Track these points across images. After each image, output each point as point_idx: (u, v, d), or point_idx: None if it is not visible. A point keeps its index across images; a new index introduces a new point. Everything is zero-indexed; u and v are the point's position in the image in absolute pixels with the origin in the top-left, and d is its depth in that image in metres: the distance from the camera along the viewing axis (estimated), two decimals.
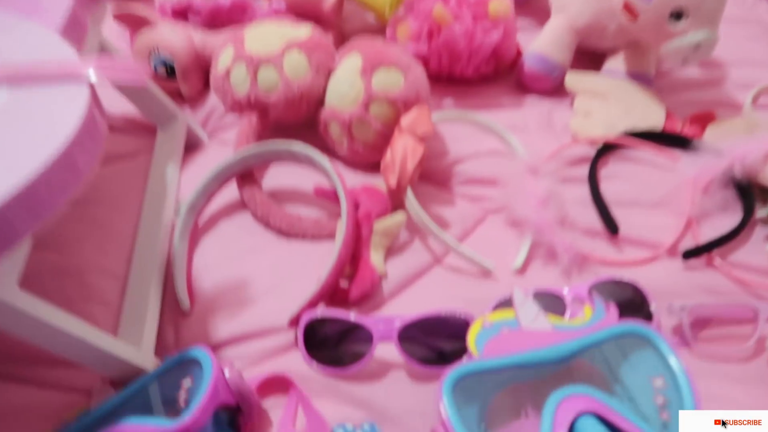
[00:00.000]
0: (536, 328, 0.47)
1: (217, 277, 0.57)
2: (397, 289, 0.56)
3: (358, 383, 0.49)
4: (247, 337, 0.53)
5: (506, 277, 0.56)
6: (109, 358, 0.46)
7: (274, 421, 0.48)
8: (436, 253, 0.58)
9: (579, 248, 0.56)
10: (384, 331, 0.48)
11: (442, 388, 0.43)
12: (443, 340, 0.51)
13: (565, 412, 0.41)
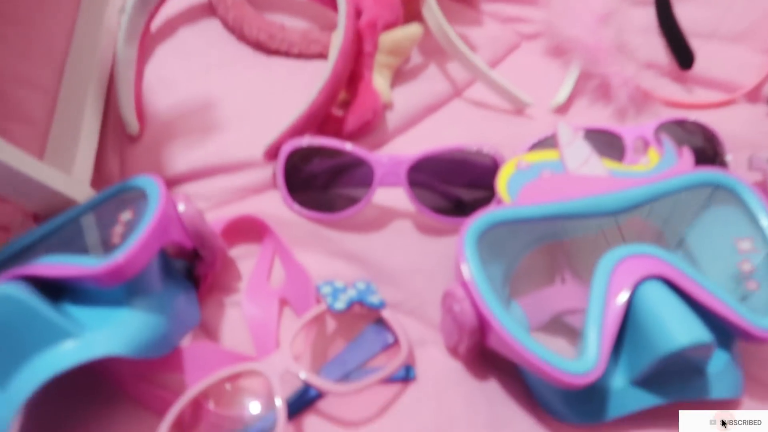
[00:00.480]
0: (587, 173, 0.37)
1: (174, 96, 0.44)
2: (404, 124, 0.44)
3: (352, 233, 0.39)
4: (212, 171, 0.41)
5: (543, 116, 0.44)
6: (32, 185, 0.35)
7: (244, 274, 0.39)
8: (456, 81, 0.46)
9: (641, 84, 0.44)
10: (389, 168, 0.37)
11: (465, 239, 0.33)
12: (462, 185, 0.40)
13: (624, 276, 0.31)
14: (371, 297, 0.35)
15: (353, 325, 0.36)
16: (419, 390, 0.34)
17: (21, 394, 0.26)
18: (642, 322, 0.30)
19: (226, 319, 0.37)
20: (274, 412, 0.32)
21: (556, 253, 0.37)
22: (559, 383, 0.29)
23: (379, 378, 0.32)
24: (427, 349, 0.36)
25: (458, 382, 0.34)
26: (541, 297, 0.36)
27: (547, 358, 0.29)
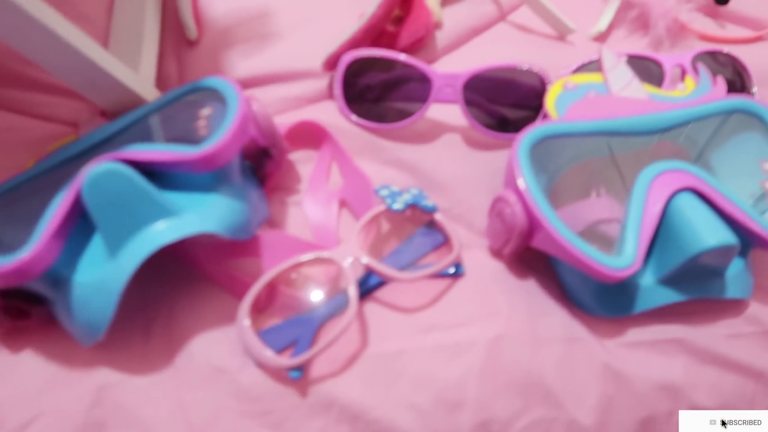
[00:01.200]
0: (629, 95, 0.39)
1: (229, 4, 0.46)
2: (451, 43, 0.46)
3: (404, 143, 0.42)
4: (268, 79, 0.44)
5: (583, 43, 0.47)
6: (105, 78, 0.37)
7: (303, 177, 0.41)
8: (501, 4, 0.48)
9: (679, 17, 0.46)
10: (446, 82, 0.40)
11: (519, 148, 0.36)
12: (509, 103, 0.42)
13: (661, 187, 0.35)
14: (425, 201, 0.39)
15: (405, 227, 0.40)
16: (466, 285, 0.38)
17: (131, 263, 0.30)
18: (674, 227, 0.34)
19: (289, 217, 0.40)
20: (339, 297, 0.36)
21: (593, 170, 0.40)
22: (601, 276, 0.33)
23: (436, 270, 0.36)
24: (472, 251, 0.39)
25: (500, 280, 0.38)
26: (577, 208, 0.40)
27: (592, 254, 0.33)
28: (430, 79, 0.39)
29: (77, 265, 0.31)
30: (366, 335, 0.36)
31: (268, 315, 0.36)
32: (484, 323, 0.37)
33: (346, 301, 0.35)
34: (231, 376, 0.34)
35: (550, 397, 0.35)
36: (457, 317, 0.37)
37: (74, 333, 0.33)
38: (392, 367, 0.35)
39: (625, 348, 0.36)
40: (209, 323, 0.35)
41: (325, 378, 0.34)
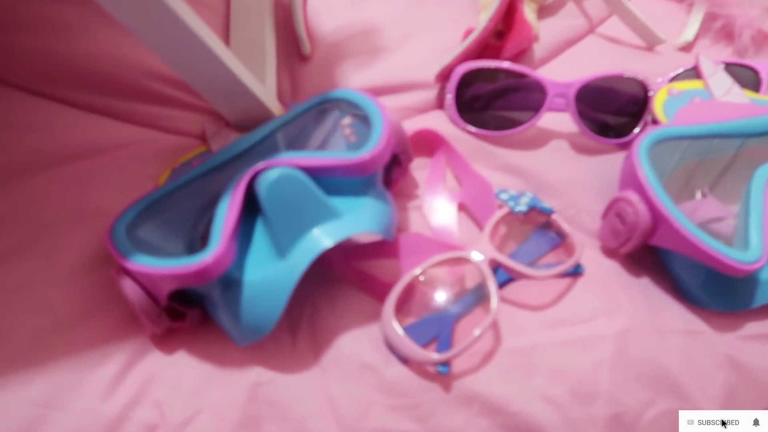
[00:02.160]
0: (731, 100, 0.42)
1: (337, 21, 0.48)
2: (548, 54, 0.48)
3: (514, 150, 0.44)
4: (379, 91, 0.46)
5: (670, 53, 0.49)
6: (238, 89, 0.39)
7: (420, 183, 0.43)
8: (591, 18, 0.50)
9: (762, 27, 0.49)
10: (560, 90, 0.42)
11: (639, 149, 0.38)
12: (613, 111, 0.45)
13: None
14: (542, 203, 0.41)
15: (521, 229, 0.42)
16: (586, 282, 0.40)
17: (302, 262, 0.31)
18: None
19: (411, 221, 0.42)
20: (469, 295, 0.38)
21: (698, 172, 0.42)
22: (730, 270, 0.35)
23: (565, 268, 0.38)
24: (585, 251, 0.41)
25: (617, 277, 0.40)
26: (685, 209, 0.42)
27: (720, 248, 0.35)
28: (544, 87, 0.42)
29: (246, 266, 0.32)
30: (499, 331, 0.38)
31: (405, 313, 0.38)
32: (609, 318, 0.38)
33: (476, 299, 0.36)
34: (377, 372, 0.35)
35: (676, 387, 0.37)
36: (583, 313, 0.39)
37: (234, 333, 0.34)
38: (527, 361, 0.37)
39: (745, 340, 0.38)
40: (351, 322, 0.37)
41: (466, 373, 0.36)
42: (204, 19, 0.47)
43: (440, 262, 0.37)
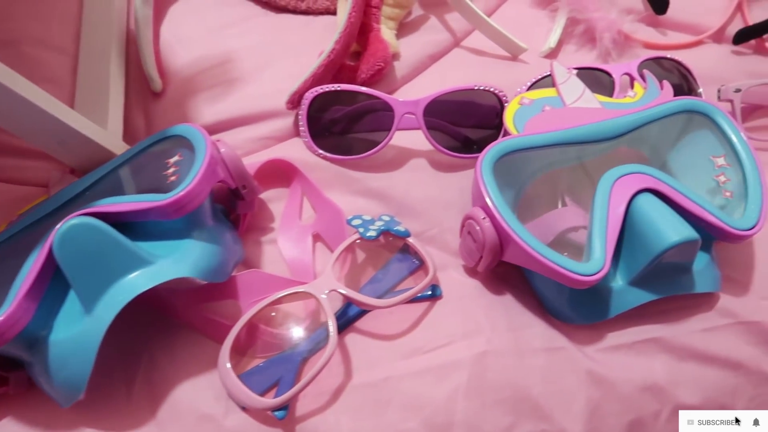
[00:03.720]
0: (582, 106, 0.41)
1: (192, 54, 0.47)
2: (410, 72, 0.47)
3: (373, 173, 0.43)
4: (236, 122, 0.44)
5: (535, 61, 0.49)
6: (71, 136, 0.37)
7: (276, 215, 0.42)
8: (455, 31, 0.49)
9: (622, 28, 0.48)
10: (407, 109, 0.41)
11: (482, 165, 0.37)
12: (472, 125, 0.44)
13: (622, 189, 0.36)
14: (397, 227, 0.39)
15: (381, 255, 0.40)
16: (445, 305, 0.38)
17: (107, 315, 0.30)
18: (638, 228, 0.35)
19: (265, 256, 0.40)
20: (320, 331, 0.36)
21: (556, 181, 0.42)
22: (572, 283, 0.34)
23: (412, 294, 0.36)
24: (448, 271, 0.40)
25: (478, 297, 0.39)
26: (547, 219, 0.41)
27: (562, 262, 0.34)
28: (391, 107, 0.41)
29: (53, 324, 0.31)
30: (350, 366, 0.36)
31: (250, 356, 0.36)
32: (466, 341, 0.37)
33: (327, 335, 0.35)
34: (216, 423, 0.34)
35: (538, 409, 0.36)
36: (440, 338, 0.37)
37: (54, 395, 0.32)
38: (379, 395, 0.35)
39: (606, 353, 0.37)
40: (191, 370, 0.35)
41: (313, 414, 0.34)
42: (55, 62, 0.46)
43: (279, 299, 0.35)
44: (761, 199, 0.36)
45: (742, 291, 0.39)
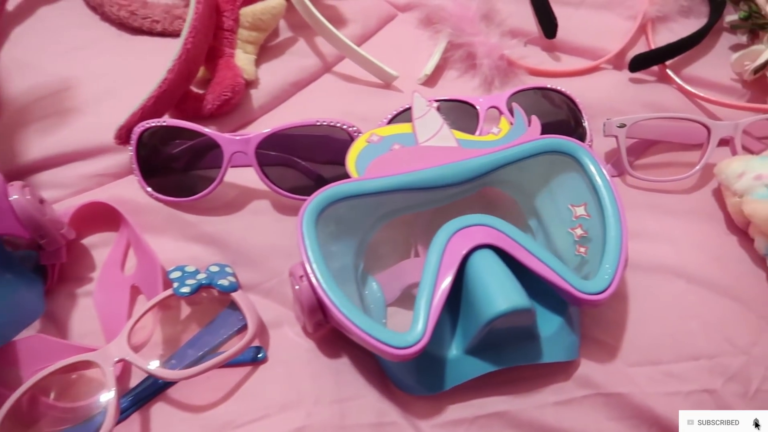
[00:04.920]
0: (437, 144, 0.37)
1: (31, 80, 0.43)
2: (271, 101, 0.43)
3: (209, 215, 0.38)
4: (68, 158, 0.40)
5: (411, 89, 0.44)
6: None
7: (99, 263, 0.38)
8: (325, 56, 0.45)
9: (505, 53, 0.44)
10: (238, 146, 0.37)
11: (303, 217, 0.33)
12: (321, 162, 0.39)
13: (458, 246, 0.32)
14: (222, 280, 0.35)
15: (208, 310, 0.36)
16: (269, 370, 0.34)
17: None
18: (471, 291, 0.31)
19: (76, 310, 0.36)
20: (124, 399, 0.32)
21: (411, 227, 0.37)
22: (388, 356, 0.29)
23: (220, 361, 0.32)
24: (282, 329, 0.36)
25: (309, 361, 0.34)
26: (396, 271, 0.37)
27: (376, 332, 0.29)
28: (219, 145, 0.36)
29: None
30: None
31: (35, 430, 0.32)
32: (283, 415, 0.32)
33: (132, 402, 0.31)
34: None
35: None
36: (255, 410, 0.33)
37: None
38: None
39: (443, 428, 0.32)
40: None
41: None
42: None
43: (59, 370, 0.31)
44: (618, 257, 0.32)
45: (607, 356, 0.34)
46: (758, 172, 0.37)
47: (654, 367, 0.34)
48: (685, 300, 0.36)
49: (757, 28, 0.45)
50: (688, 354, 0.34)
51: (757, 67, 0.43)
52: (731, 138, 0.40)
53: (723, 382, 0.34)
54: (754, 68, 0.43)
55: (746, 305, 0.36)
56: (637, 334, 0.35)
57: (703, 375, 0.34)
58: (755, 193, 0.36)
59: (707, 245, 0.38)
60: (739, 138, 0.40)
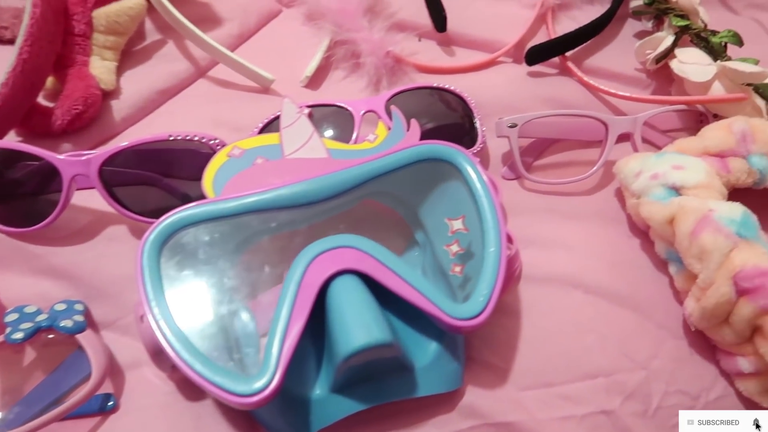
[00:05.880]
0: (305, 156, 0.33)
1: None
2: (136, 112, 0.39)
3: (58, 246, 0.34)
4: None
5: (295, 92, 0.41)
6: None
7: None
8: (198, 60, 0.41)
9: (393, 49, 0.40)
10: (79, 169, 0.33)
11: (142, 249, 0.29)
12: (185, 179, 0.35)
13: (317, 274, 0.28)
14: (66, 320, 0.31)
15: (57, 354, 0.32)
16: (120, 420, 0.30)
17: None
18: (329, 324, 0.27)
19: None
20: None
21: (285, 248, 0.34)
22: (232, 404, 0.26)
23: (59, 414, 0.28)
24: (141, 370, 0.32)
25: (167, 405, 0.31)
26: (269, 297, 0.33)
27: (215, 377, 0.26)
28: (57, 168, 0.32)
29: None
30: None
31: None
32: None
33: None
34: None
35: None
36: None
37: None
38: None
39: None
40: None
41: None
42: None
43: None
44: (495, 276, 0.28)
45: (497, 381, 0.31)
46: (654, 171, 0.34)
47: (547, 389, 0.31)
48: (582, 313, 0.33)
49: (660, 13, 0.42)
50: (584, 373, 0.32)
51: (659, 56, 0.40)
52: (631, 134, 0.37)
53: (621, 401, 0.31)
54: (656, 57, 0.40)
55: (646, 315, 0.34)
56: (529, 354, 0.32)
57: (600, 395, 0.31)
58: (652, 193, 0.34)
59: (607, 251, 0.36)
60: (639, 133, 0.37)
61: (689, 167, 0.33)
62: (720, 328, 0.31)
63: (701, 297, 0.31)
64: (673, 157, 0.34)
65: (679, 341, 0.33)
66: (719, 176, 0.34)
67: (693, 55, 0.39)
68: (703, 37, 0.39)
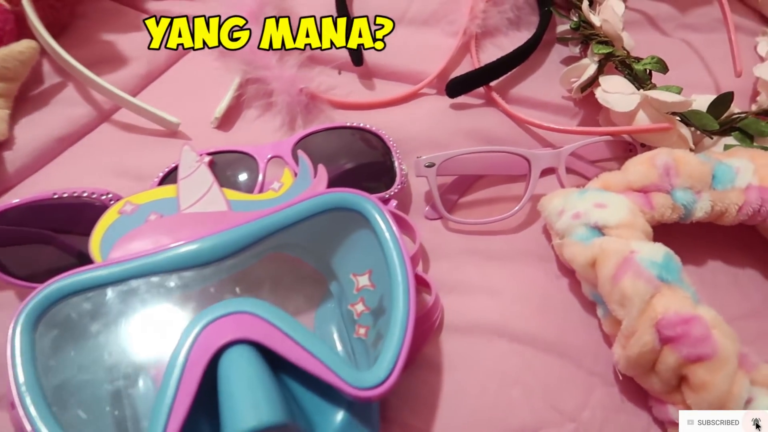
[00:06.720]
0: (202, 210, 0.31)
1: None
2: (32, 161, 0.36)
3: None
4: None
5: (205, 135, 0.38)
6: None
7: None
8: (101, 104, 0.39)
9: (307, 87, 0.38)
10: None
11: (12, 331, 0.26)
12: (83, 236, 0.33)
13: (206, 345, 0.26)
14: None
15: None
16: None
17: None
18: (221, 402, 0.25)
19: None
20: None
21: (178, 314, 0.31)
22: None
23: None
24: None
25: None
26: None
27: None
28: None
29: None
30: None
31: None
32: None
33: None
34: None
35: None
36: None
37: None
38: None
39: None
40: None
41: None
42: None
43: None
44: (401, 338, 0.26)
45: None
46: (576, 209, 0.32)
47: None
48: (507, 363, 0.31)
49: (586, 39, 0.41)
50: (509, 429, 0.30)
51: (583, 84, 0.39)
52: (555, 168, 0.36)
53: None
54: (581, 85, 0.39)
55: (574, 361, 0.32)
56: (451, 412, 0.30)
57: None
58: (574, 233, 0.32)
59: (534, 293, 0.34)
60: (563, 168, 0.36)
61: (611, 205, 0.32)
62: (648, 377, 0.29)
63: (626, 345, 0.29)
64: (595, 194, 0.33)
65: (610, 388, 0.32)
66: (643, 213, 0.32)
67: (616, 83, 0.37)
68: (627, 64, 0.38)
